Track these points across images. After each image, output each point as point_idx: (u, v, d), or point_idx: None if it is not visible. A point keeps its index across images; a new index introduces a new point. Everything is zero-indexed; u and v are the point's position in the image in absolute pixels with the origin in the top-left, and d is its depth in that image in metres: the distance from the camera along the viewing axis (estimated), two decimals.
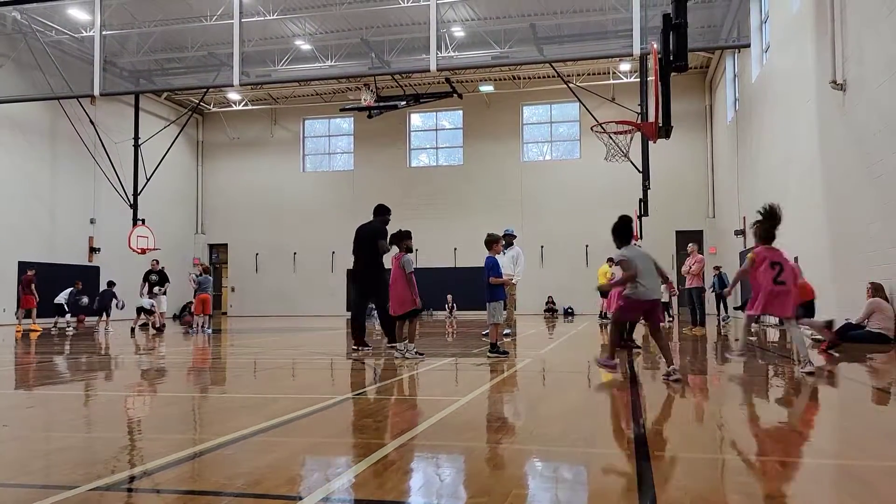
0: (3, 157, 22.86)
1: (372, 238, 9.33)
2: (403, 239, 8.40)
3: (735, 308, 18.78)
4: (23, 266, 21.08)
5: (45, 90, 20.42)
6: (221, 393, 6.11)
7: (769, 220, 6.57)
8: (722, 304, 20.17)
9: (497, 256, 12.36)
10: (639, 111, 21.13)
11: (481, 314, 13.89)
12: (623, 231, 6.15)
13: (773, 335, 12.94)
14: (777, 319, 11.40)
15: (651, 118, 11.76)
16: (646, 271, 5.86)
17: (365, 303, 9.83)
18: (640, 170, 20.62)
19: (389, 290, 8.39)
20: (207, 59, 23.99)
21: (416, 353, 8.20)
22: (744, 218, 21.73)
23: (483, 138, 30.46)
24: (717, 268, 20.86)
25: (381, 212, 9.72)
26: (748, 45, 18.98)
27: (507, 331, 12.20)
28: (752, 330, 10.08)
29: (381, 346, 9.68)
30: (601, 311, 19.59)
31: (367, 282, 9.45)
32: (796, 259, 15.05)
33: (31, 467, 3.21)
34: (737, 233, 22.27)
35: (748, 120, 20.60)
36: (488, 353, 8.36)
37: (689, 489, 2.68)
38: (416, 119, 32.14)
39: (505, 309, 11.39)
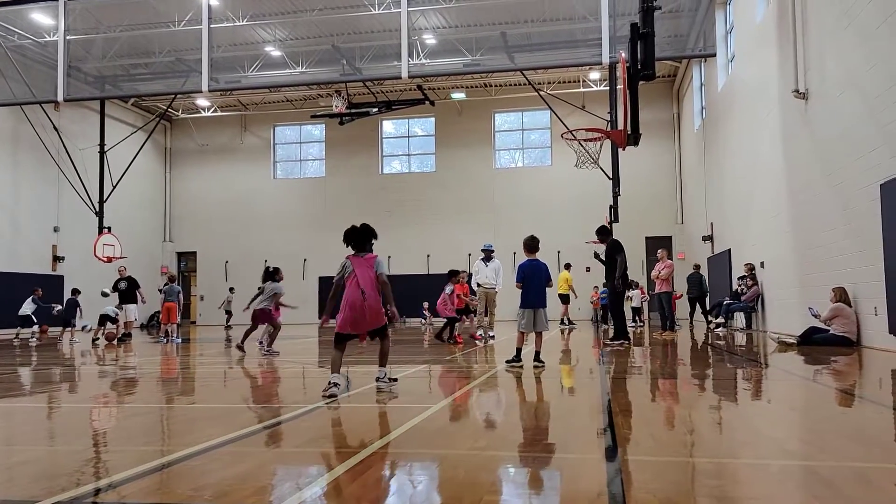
0: None
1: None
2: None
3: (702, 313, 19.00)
4: None
5: (6, 96, 19.95)
6: (189, 403, 6.01)
7: None
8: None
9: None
10: (608, 119, 21.42)
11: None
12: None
13: (740, 338, 13.15)
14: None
15: (620, 126, 11.95)
16: None
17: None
18: (611, 177, 20.84)
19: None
20: (175, 64, 23.67)
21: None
22: (711, 224, 22.06)
23: (455, 145, 30.53)
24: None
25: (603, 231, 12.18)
26: (714, 55, 19.34)
27: (479, 331, 13.01)
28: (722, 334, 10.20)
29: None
30: (563, 318, 19.76)
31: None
32: (762, 265, 15.37)
33: None
34: (704, 238, 22.60)
35: (714, 128, 20.96)
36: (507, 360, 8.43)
37: (658, 492, 2.70)
38: (389, 126, 32.10)
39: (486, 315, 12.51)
